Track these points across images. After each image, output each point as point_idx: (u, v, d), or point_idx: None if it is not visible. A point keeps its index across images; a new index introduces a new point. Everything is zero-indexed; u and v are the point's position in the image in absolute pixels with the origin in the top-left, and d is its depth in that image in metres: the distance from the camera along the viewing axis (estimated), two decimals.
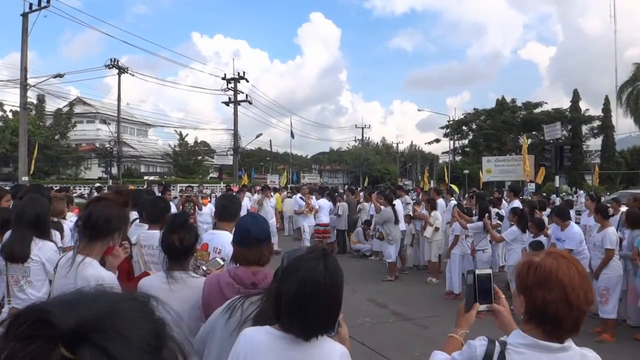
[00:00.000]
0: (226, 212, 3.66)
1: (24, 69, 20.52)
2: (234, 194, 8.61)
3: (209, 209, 11.87)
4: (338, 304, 1.74)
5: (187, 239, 2.58)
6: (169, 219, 2.96)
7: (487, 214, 8.85)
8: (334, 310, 1.73)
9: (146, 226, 3.80)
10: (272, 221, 12.37)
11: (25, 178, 20.39)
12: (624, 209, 8.27)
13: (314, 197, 14.43)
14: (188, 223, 2.67)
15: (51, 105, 38.89)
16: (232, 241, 2.54)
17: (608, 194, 20.81)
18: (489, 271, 1.93)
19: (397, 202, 11.04)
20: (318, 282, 1.67)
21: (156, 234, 3.49)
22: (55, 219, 4.64)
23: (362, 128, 60.56)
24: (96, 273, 2.39)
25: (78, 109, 44.97)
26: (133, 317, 0.60)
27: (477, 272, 1.88)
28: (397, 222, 10.42)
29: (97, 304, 0.60)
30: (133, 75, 30.70)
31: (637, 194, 18.60)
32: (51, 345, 0.55)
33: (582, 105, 48.91)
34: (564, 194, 26.25)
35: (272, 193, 15.70)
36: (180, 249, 2.57)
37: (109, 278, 2.41)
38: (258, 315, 1.95)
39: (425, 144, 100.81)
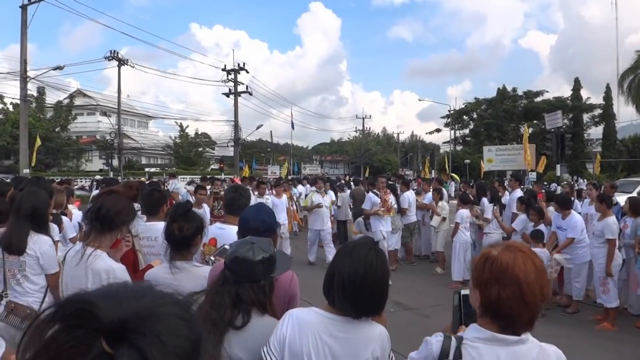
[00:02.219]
0: (234, 205, 3.45)
1: (23, 61, 20.45)
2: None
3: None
4: (387, 288, 1.85)
5: (187, 229, 2.56)
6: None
7: (495, 206, 8.89)
8: (384, 293, 1.84)
9: (145, 218, 3.80)
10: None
11: (26, 170, 20.41)
12: (620, 197, 8.24)
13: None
14: (190, 213, 2.66)
15: (51, 98, 38.85)
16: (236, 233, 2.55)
17: (613, 182, 20.70)
18: None
19: (409, 193, 10.98)
20: (371, 264, 1.79)
21: (154, 225, 3.50)
22: (55, 212, 4.64)
23: (363, 118, 60.48)
24: (107, 265, 2.41)
25: (78, 101, 44.87)
26: (174, 322, 0.60)
27: (462, 292, 1.84)
28: (400, 211, 10.41)
29: (141, 303, 0.60)
30: (133, 67, 30.59)
31: (630, 181, 18.56)
32: (93, 336, 0.56)
33: (584, 93, 48.75)
34: (565, 182, 26.18)
35: (273, 190, 12.01)
36: (180, 238, 2.56)
37: (119, 270, 2.43)
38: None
39: (426, 133, 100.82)
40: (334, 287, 1.80)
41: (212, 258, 2.78)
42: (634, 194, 9.96)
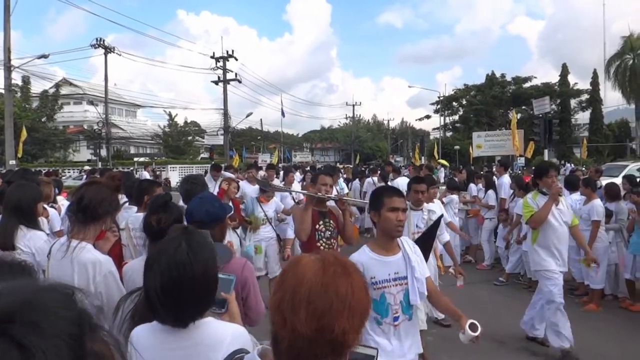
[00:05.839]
0: (190, 197, 3.27)
1: (7, 50, 20.07)
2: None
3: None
4: (211, 282, 1.62)
5: (165, 220, 2.50)
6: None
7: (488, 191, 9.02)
8: (208, 289, 1.61)
9: (135, 209, 3.79)
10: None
11: (12, 162, 20.17)
12: (606, 181, 8.35)
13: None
14: (169, 204, 2.63)
15: (37, 87, 38.34)
16: None
17: (599, 166, 21.01)
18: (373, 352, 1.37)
19: (400, 180, 10.99)
20: (183, 263, 1.55)
21: (142, 216, 3.49)
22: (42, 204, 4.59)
23: (353, 105, 60.36)
24: (93, 257, 2.39)
25: (64, 91, 44.27)
26: (50, 307, 0.60)
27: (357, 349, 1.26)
28: None
29: (17, 295, 0.61)
30: (120, 55, 30.28)
31: (615, 165, 18.77)
32: None
33: (571, 79, 49.12)
34: (584, 167, 26.44)
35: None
36: (157, 230, 2.48)
37: (105, 261, 2.41)
38: (132, 313, 1.86)
39: (416, 120, 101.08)
40: (152, 302, 1.58)
41: None
42: (619, 178, 10.08)
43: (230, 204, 5.97)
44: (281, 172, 12.85)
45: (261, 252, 6.29)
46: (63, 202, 6.06)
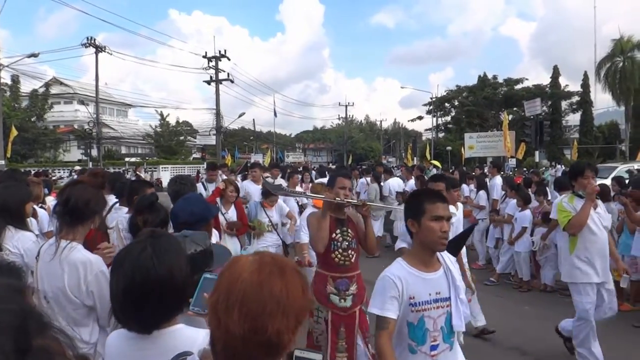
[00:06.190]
0: (179, 197, 3.19)
1: None
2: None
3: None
4: (178, 287, 1.53)
5: (151, 221, 2.51)
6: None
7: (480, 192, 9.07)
8: (175, 295, 1.53)
9: (125, 209, 3.77)
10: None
11: (1, 162, 20.01)
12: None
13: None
14: (155, 204, 2.61)
15: (26, 86, 38.01)
16: None
17: None
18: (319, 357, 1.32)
19: (392, 181, 11.06)
20: (146, 267, 1.48)
21: None
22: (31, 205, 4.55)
23: (346, 106, 60.38)
24: (83, 257, 2.38)
25: (55, 90, 43.99)
26: None
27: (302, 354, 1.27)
28: (382, 198, 10.51)
29: None
30: (111, 54, 30.08)
31: (605, 166, 18.94)
32: None
33: (562, 81, 49.37)
34: (544, 168, 26.64)
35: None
36: None
37: (96, 261, 2.40)
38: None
39: (409, 121, 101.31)
40: (114, 307, 1.55)
41: None
42: (609, 180, 10.17)
43: (234, 208, 5.64)
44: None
45: None
46: (52, 202, 6.01)
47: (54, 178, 20.34)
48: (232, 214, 5.63)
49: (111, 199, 4.23)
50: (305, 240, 5.13)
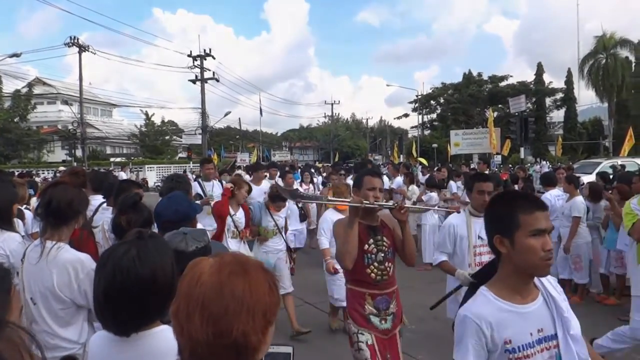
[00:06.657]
0: None
1: None
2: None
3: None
4: (161, 290, 1.48)
5: (135, 221, 2.49)
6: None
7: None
8: (158, 298, 1.48)
9: (110, 209, 3.72)
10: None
11: None
12: (586, 179, 8.52)
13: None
14: (138, 204, 2.58)
15: (9, 87, 37.39)
16: None
17: (570, 163, 21.52)
18: (289, 350, 1.40)
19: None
20: (128, 268, 1.46)
21: None
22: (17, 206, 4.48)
23: (332, 104, 60.49)
24: (73, 256, 2.36)
25: (38, 90, 43.31)
26: None
27: (272, 349, 1.27)
28: None
29: None
30: (95, 54, 29.75)
31: (589, 162, 19.18)
32: None
33: (546, 77, 50.02)
34: (529, 164, 26.96)
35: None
36: (127, 230, 2.48)
37: (86, 260, 2.39)
38: None
39: (395, 118, 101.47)
40: (95, 308, 1.53)
41: None
42: (593, 175, 10.33)
43: (241, 210, 5.41)
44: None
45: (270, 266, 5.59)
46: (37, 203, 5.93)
47: (37, 179, 20.02)
48: (240, 215, 5.40)
49: (98, 198, 4.18)
50: (326, 246, 4.92)
